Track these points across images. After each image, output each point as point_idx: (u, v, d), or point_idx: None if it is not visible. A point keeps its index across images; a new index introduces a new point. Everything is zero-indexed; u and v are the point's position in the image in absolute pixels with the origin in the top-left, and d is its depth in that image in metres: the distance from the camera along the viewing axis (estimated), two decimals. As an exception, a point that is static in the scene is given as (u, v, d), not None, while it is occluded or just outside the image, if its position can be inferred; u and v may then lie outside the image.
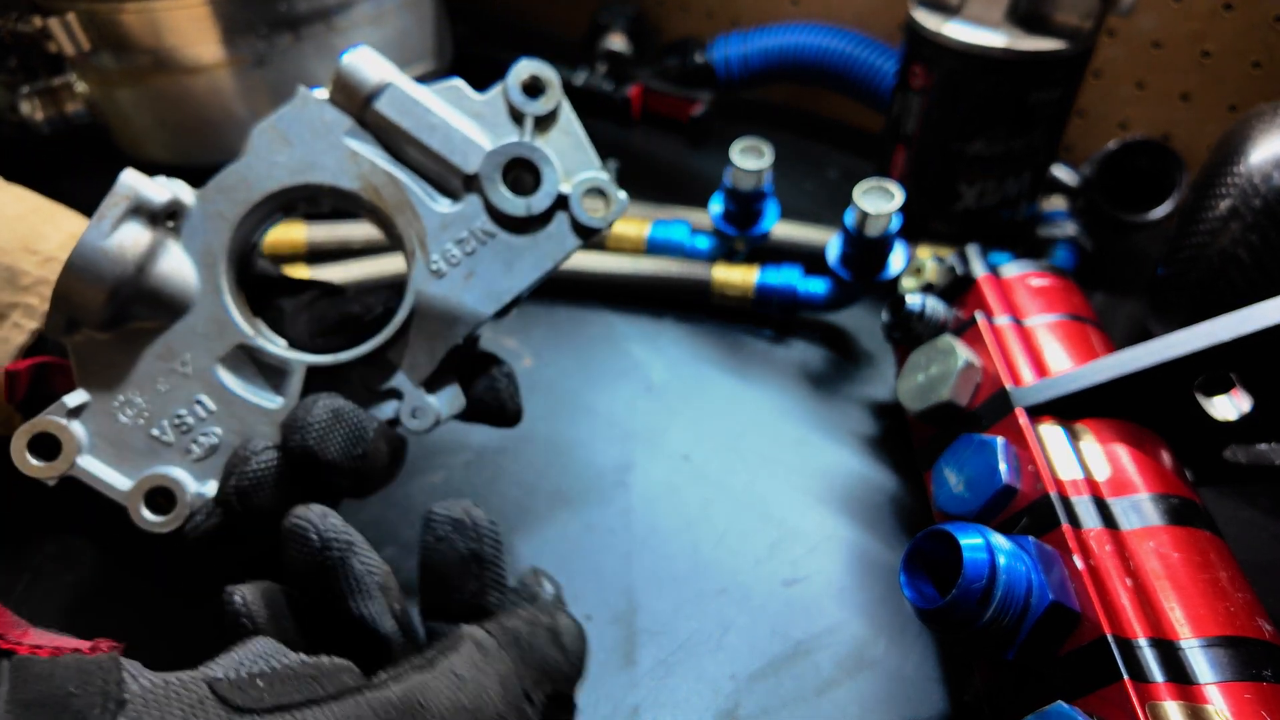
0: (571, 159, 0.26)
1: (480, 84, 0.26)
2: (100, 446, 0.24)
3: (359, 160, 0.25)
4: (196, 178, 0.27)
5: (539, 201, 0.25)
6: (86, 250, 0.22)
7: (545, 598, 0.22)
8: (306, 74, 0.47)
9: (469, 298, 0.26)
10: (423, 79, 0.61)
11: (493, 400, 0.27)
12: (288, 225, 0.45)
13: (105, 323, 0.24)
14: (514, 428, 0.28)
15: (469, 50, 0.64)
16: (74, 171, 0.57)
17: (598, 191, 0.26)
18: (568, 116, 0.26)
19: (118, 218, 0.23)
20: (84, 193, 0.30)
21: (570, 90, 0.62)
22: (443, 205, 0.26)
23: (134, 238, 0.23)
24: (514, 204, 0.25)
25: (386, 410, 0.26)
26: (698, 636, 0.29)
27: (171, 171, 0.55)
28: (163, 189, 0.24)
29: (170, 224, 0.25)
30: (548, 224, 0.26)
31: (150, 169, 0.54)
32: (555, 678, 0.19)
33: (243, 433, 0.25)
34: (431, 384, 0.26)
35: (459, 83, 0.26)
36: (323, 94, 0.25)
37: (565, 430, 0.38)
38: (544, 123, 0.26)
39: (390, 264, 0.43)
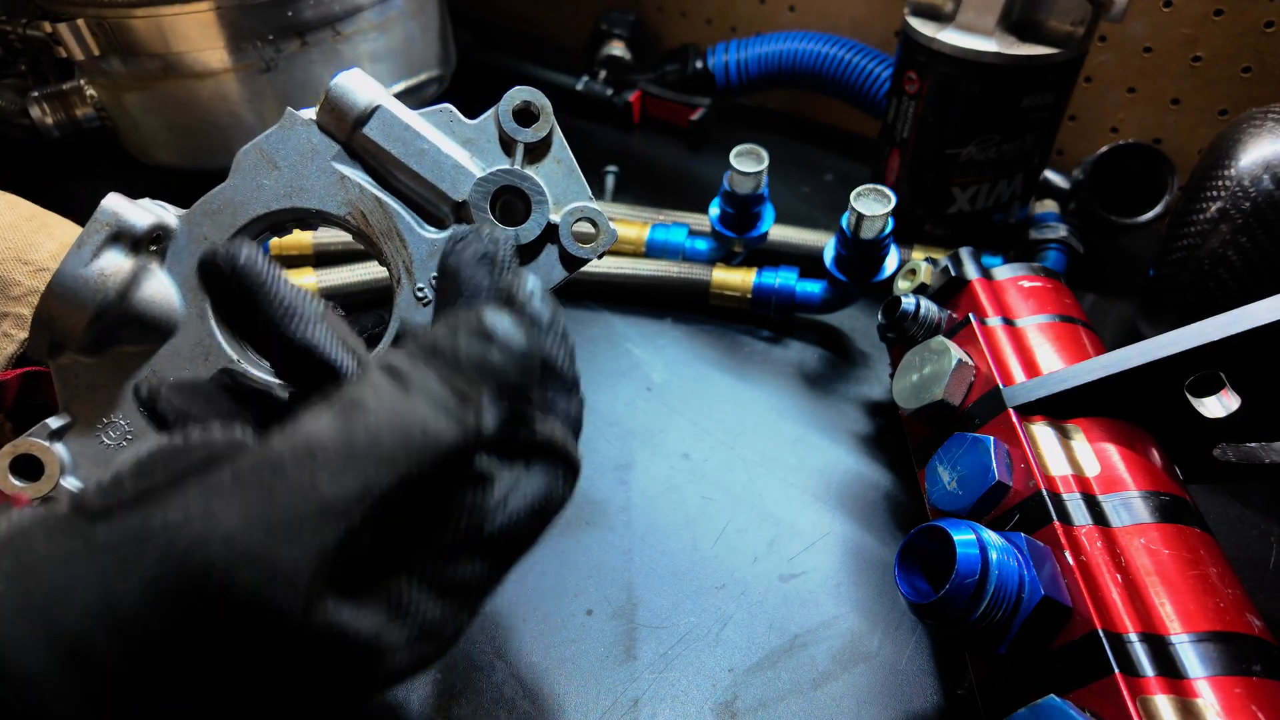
0: (562, 187, 0.26)
1: (482, 91, 0.26)
2: (84, 467, 0.25)
3: (347, 185, 0.25)
4: (204, 181, 0.27)
5: (528, 231, 0.25)
6: (66, 277, 0.22)
7: (490, 291, 0.20)
8: (313, 80, 0.47)
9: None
10: (426, 85, 0.61)
11: None
12: None
13: (88, 347, 0.24)
14: None
15: (472, 57, 0.65)
16: (83, 175, 0.58)
17: (588, 221, 0.26)
18: (560, 144, 0.26)
19: (98, 245, 0.23)
20: (93, 196, 0.30)
21: (571, 96, 0.64)
22: (430, 233, 0.25)
23: (115, 264, 0.23)
24: (503, 233, 0.25)
25: None
26: (697, 631, 0.30)
27: (179, 175, 0.56)
28: (146, 213, 0.24)
29: (154, 248, 0.25)
30: (537, 254, 0.26)
31: (158, 173, 0.55)
32: (497, 374, 0.17)
33: None
34: None
35: (449, 108, 0.25)
36: (311, 115, 0.25)
37: (565, 430, 0.38)
38: (535, 150, 0.25)
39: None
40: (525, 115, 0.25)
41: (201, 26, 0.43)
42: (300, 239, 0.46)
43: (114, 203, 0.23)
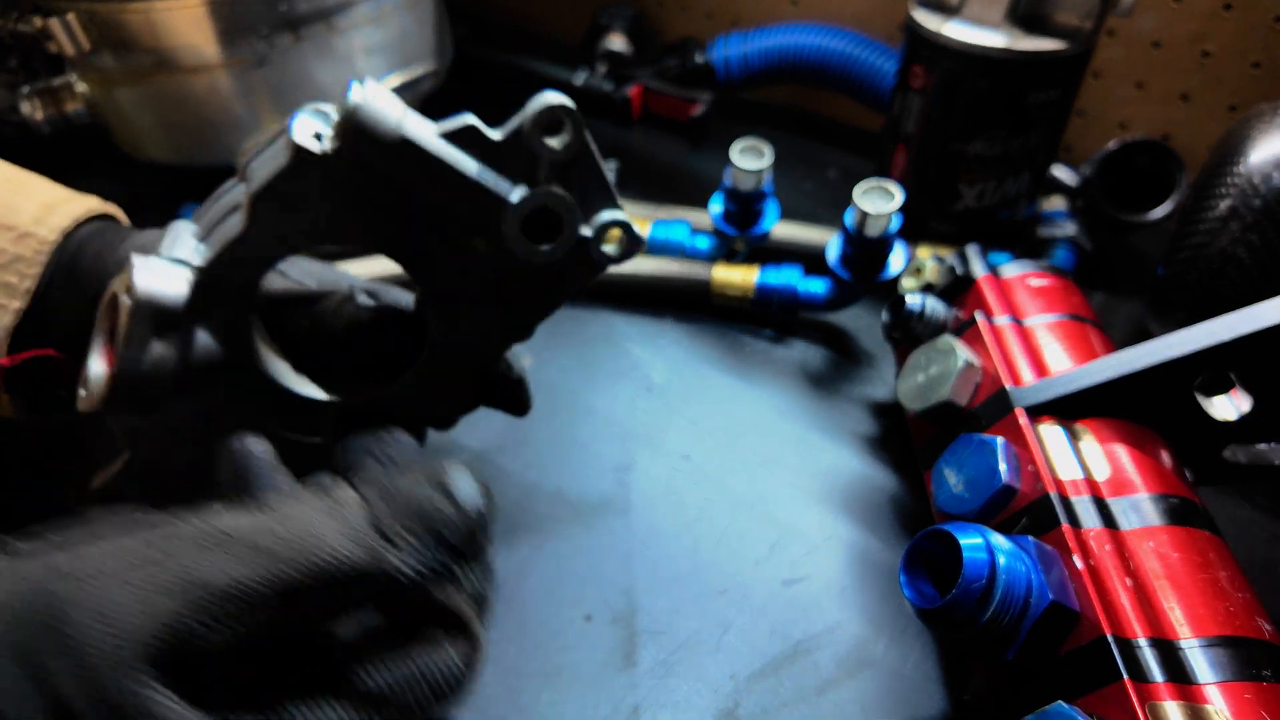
0: (592, 198, 0.25)
1: (479, 86, 0.25)
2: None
3: (376, 220, 0.23)
4: (196, 177, 0.26)
5: (560, 249, 0.24)
6: (125, 383, 0.22)
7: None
8: (307, 74, 0.47)
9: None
10: (421, 80, 0.60)
11: (510, 394, 0.30)
12: None
13: (146, 413, 0.23)
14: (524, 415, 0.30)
15: (469, 52, 0.64)
16: (75, 172, 0.57)
17: (618, 232, 0.25)
18: (589, 153, 0.24)
19: (146, 339, 0.22)
20: (84, 192, 0.30)
21: (570, 91, 0.63)
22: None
23: (163, 352, 0.22)
24: (535, 255, 0.24)
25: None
26: (698, 636, 0.29)
27: (171, 171, 0.55)
28: (178, 282, 0.22)
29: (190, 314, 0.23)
30: (569, 267, 0.25)
31: (150, 169, 0.54)
32: (440, 524, 0.16)
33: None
34: (452, 396, 0.27)
35: (474, 122, 0.23)
36: (318, 140, 0.22)
37: (565, 430, 0.38)
38: (564, 162, 0.24)
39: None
40: (553, 125, 0.23)
41: (193, 21, 0.43)
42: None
43: (145, 282, 0.22)
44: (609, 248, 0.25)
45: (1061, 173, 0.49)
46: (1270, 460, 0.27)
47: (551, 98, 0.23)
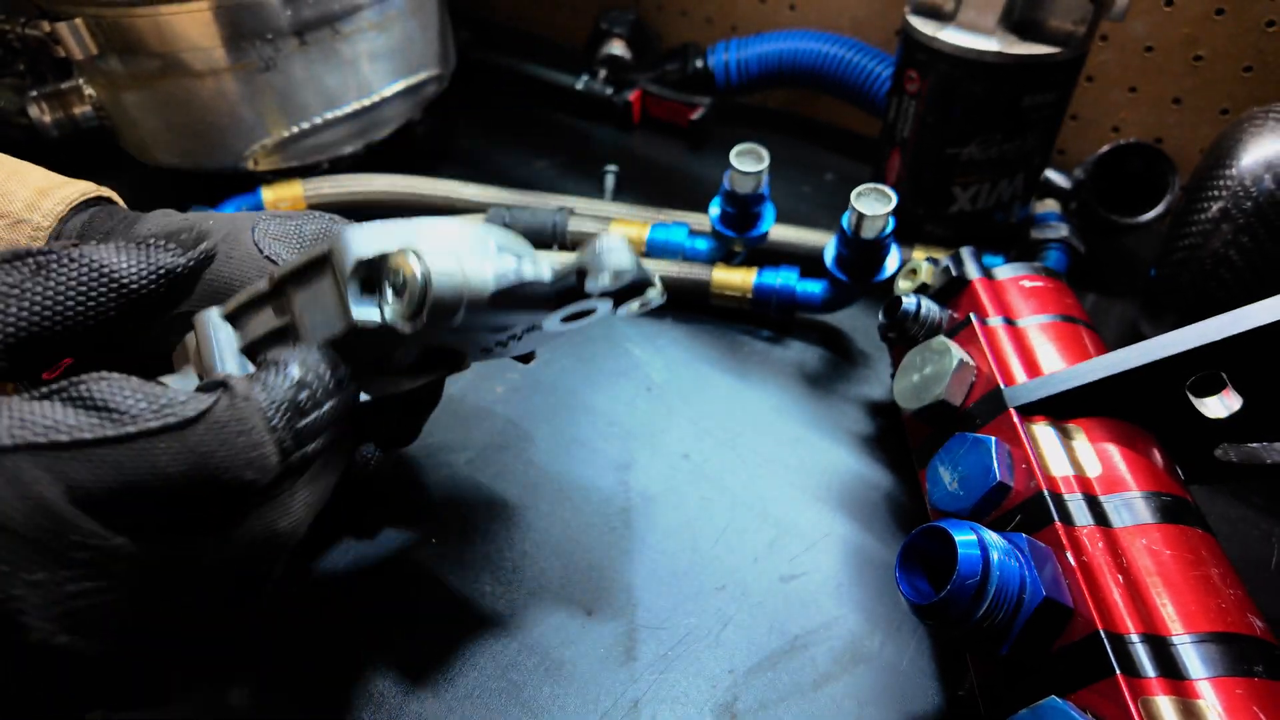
0: (631, 285, 0.24)
1: (481, 90, 0.25)
2: None
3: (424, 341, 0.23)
4: (203, 181, 0.26)
5: (586, 319, 0.25)
6: None
7: None
8: (312, 79, 0.47)
9: (502, 356, 0.27)
10: (425, 85, 0.60)
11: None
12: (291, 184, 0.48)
13: None
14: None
15: (472, 56, 0.65)
16: (83, 175, 0.57)
17: (641, 301, 0.25)
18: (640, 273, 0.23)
19: None
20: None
21: (571, 95, 0.64)
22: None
23: None
24: (564, 328, 0.25)
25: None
26: (697, 632, 0.30)
27: (178, 175, 0.56)
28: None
29: None
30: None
31: (157, 172, 0.55)
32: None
33: None
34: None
35: (529, 278, 0.22)
36: (371, 310, 0.20)
37: (566, 429, 0.38)
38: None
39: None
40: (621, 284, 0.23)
41: (200, 25, 0.43)
42: (295, 191, 0.47)
43: None
44: (634, 307, 0.25)
45: (1055, 176, 0.50)
46: (1261, 459, 0.28)
47: (617, 256, 0.22)
